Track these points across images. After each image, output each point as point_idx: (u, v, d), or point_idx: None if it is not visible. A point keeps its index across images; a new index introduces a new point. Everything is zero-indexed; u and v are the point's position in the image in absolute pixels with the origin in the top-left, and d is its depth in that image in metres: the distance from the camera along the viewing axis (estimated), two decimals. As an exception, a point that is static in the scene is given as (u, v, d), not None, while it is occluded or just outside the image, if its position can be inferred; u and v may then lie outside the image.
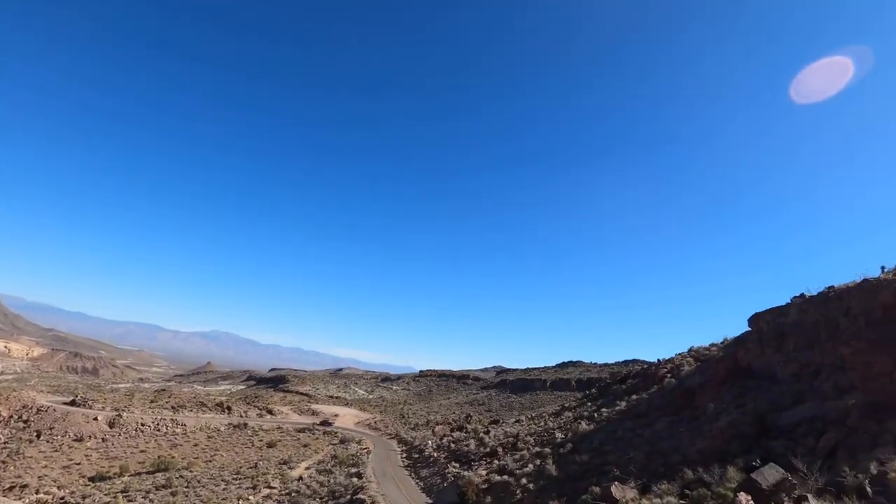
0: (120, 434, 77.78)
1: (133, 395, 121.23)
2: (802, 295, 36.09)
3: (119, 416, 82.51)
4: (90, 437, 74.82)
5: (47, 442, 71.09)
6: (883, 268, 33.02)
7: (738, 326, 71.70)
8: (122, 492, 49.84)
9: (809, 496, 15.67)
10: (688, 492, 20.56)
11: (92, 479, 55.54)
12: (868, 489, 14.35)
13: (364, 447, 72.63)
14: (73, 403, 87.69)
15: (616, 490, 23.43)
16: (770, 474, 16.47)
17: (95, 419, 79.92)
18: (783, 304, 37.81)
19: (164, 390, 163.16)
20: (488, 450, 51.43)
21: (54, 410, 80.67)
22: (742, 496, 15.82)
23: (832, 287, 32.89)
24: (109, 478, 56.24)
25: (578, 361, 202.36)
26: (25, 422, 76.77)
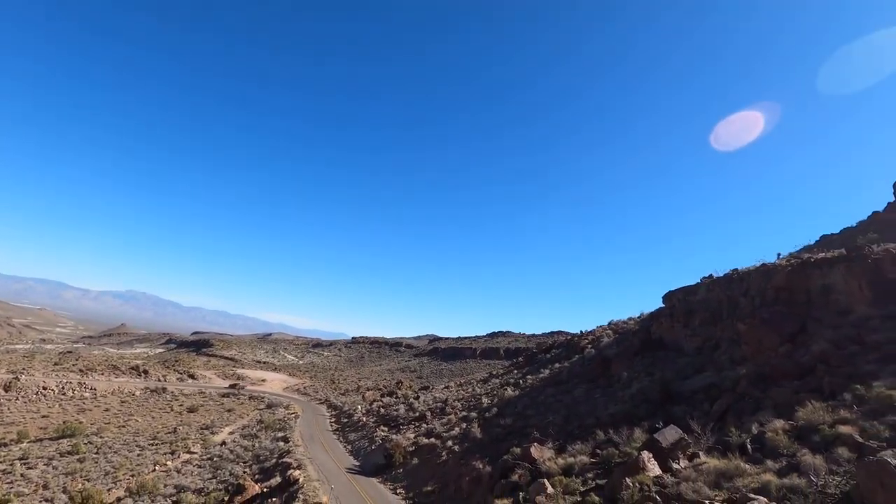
0: (18, 398, 71.37)
1: (33, 356, 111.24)
2: (711, 276, 39.63)
3: (16, 378, 75.48)
4: (-19, 401, 68.06)
5: (-73, 406, 63.91)
6: (779, 254, 36.95)
7: (655, 302, 77.69)
8: (20, 459, 46.17)
9: (701, 453, 17.66)
10: (599, 451, 22.46)
11: (-17, 446, 50.85)
12: (749, 446, 16.37)
13: (292, 412, 71.90)
14: (-41, 365, 79.02)
15: (535, 450, 25.10)
16: (670, 434, 18.30)
17: (-13, 382, 72.63)
18: (694, 283, 41.37)
19: (70, 352, 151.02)
20: (417, 414, 52.81)
21: (-64, 372, 72.37)
22: (644, 454, 17.51)
23: (736, 270, 36.33)
24: (5, 445, 51.76)
25: (508, 332, 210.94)
26: None
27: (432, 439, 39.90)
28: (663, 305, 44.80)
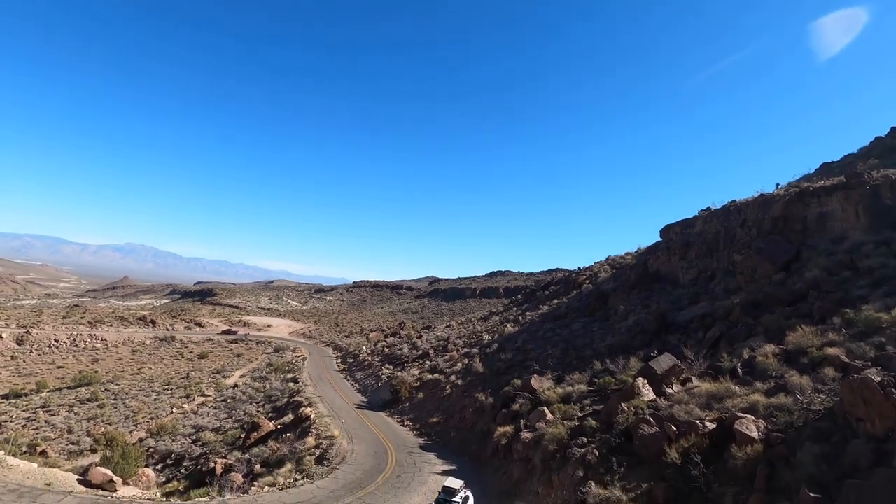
0: (31, 351, 73.35)
1: (41, 311, 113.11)
2: (708, 208, 39.58)
3: (28, 332, 77.19)
4: (-4, 355, 69.95)
5: (-55, 362, 65.73)
6: (777, 184, 36.68)
7: (653, 237, 78.16)
8: (42, 407, 48.19)
9: (693, 378, 18.45)
10: (596, 380, 23.46)
11: (6, 397, 52.88)
12: (739, 370, 17.08)
13: (299, 354, 74.34)
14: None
15: (535, 381, 26.22)
16: (664, 362, 19.03)
17: (0, 337, 74.37)
18: (691, 216, 41.40)
19: (77, 306, 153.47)
20: (420, 352, 54.68)
21: (-53, 330, 73.85)
22: (639, 380, 18.30)
23: (734, 201, 36.23)
24: (26, 395, 53.80)
25: (507, 271, 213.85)
26: (-87, 342, 69.83)
27: (436, 375, 41.59)
28: (661, 239, 45.11)
